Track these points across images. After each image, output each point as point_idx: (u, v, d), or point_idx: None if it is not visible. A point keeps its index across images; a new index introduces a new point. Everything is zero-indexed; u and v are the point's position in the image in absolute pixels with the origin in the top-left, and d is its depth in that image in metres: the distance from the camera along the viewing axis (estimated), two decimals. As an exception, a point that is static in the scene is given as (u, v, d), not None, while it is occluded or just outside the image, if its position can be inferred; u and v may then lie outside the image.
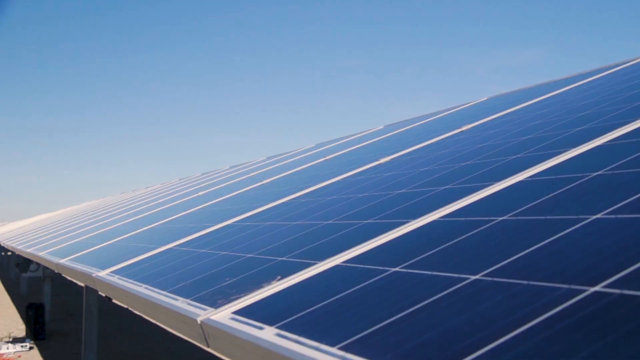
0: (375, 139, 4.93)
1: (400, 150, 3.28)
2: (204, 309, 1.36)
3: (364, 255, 1.39)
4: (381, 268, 1.24)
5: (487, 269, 1.02)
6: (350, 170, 3.16)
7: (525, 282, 0.91)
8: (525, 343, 0.73)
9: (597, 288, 0.80)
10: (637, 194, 1.13)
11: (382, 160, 3.08)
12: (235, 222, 2.69)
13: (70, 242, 4.85)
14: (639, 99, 2.18)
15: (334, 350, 0.90)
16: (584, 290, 0.81)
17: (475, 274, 1.02)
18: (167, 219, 4.01)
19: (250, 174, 5.92)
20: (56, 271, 3.88)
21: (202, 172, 12.00)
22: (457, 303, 0.93)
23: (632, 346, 0.63)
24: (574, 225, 1.09)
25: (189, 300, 1.49)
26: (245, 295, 1.36)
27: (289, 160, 6.05)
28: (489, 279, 0.97)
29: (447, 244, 1.24)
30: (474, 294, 0.93)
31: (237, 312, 1.26)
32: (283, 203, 2.78)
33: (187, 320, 1.36)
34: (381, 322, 0.96)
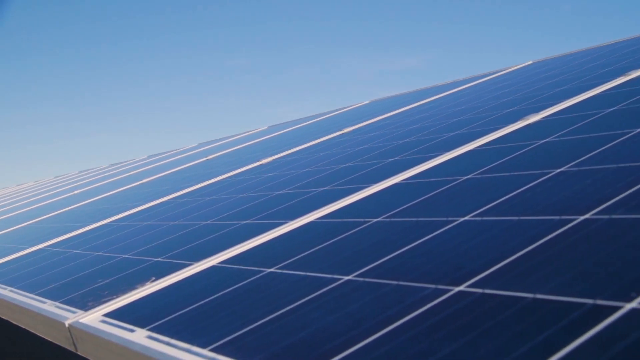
0: (258, 140, 4.93)
1: (283, 151, 3.29)
2: (73, 312, 1.31)
3: (241, 256, 1.38)
4: (257, 269, 1.24)
5: (360, 269, 1.04)
6: (232, 170, 3.15)
7: (395, 282, 0.93)
8: (391, 342, 0.74)
9: (461, 288, 0.83)
10: (502, 197, 1.18)
11: (264, 161, 3.08)
12: (112, 221, 2.62)
13: None
14: (509, 107, 2.29)
15: (205, 351, 0.89)
16: (449, 290, 0.83)
17: (348, 275, 1.03)
18: (40, 218, 3.84)
19: (130, 173, 5.77)
20: None
21: (79, 171, 11.60)
22: (329, 303, 0.94)
23: (490, 343, 0.66)
24: (443, 226, 1.12)
25: (57, 303, 1.43)
26: (117, 297, 1.33)
27: (171, 159, 5.94)
28: (361, 279, 0.99)
29: (323, 245, 1.26)
30: (346, 294, 0.95)
31: (107, 315, 1.22)
32: (162, 202, 2.73)
33: (54, 323, 1.31)
34: (254, 322, 0.95)
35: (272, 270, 1.20)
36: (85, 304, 1.35)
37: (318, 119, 5.17)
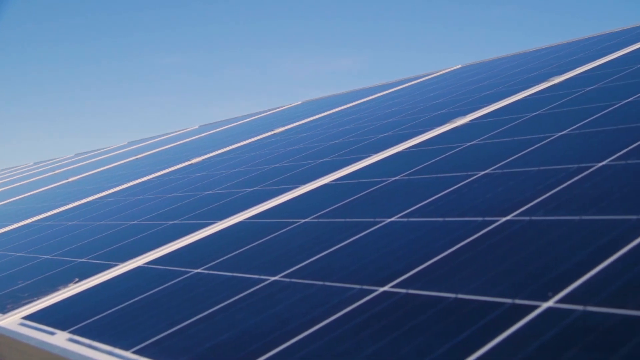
0: (189, 139, 4.88)
1: (213, 151, 3.26)
2: (-8, 314, 1.27)
3: (168, 256, 1.36)
4: (184, 269, 1.22)
5: (287, 269, 1.04)
6: (161, 169, 3.10)
7: (321, 282, 0.93)
8: (316, 342, 0.74)
9: (386, 288, 0.84)
10: (428, 198, 1.20)
11: (194, 161, 3.04)
12: (35, 221, 2.54)
13: None
14: (438, 109, 2.32)
15: (127, 354, 0.88)
16: (374, 290, 0.84)
17: (275, 275, 1.03)
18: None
19: (56, 171, 5.63)
20: None
21: (1, 169, 11.24)
22: (256, 304, 0.93)
23: (412, 342, 0.67)
24: (370, 227, 1.13)
25: (-25, 305, 1.38)
26: (38, 299, 1.29)
27: (99, 158, 5.82)
28: (288, 279, 0.99)
29: (251, 245, 1.25)
30: (273, 295, 0.95)
31: (27, 317, 1.19)
32: (88, 202, 2.67)
33: (-29, 326, 1.26)
34: (179, 323, 0.94)
35: (199, 270, 1.19)
36: (3, 307, 1.31)
37: (250, 118, 5.15)
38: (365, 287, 0.86)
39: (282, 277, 1.01)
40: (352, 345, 0.71)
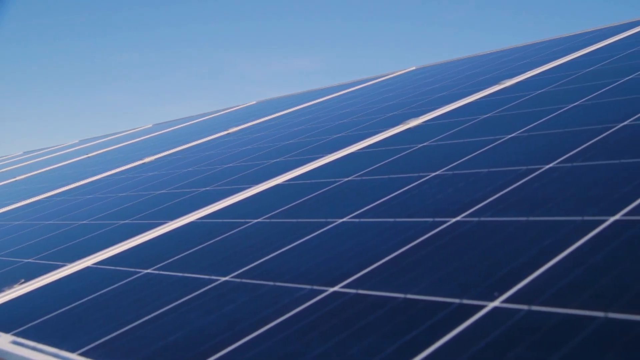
0: (142, 138, 4.82)
1: (166, 150, 3.23)
2: None
3: (118, 257, 1.34)
4: (133, 270, 1.21)
5: (238, 270, 1.03)
6: (113, 168, 3.06)
7: (272, 283, 0.93)
8: (266, 342, 0.74)
9: (336, 288, 0.84)
10: (380, 199, 1.21)
11: (147, 160, 3.01)
12: (-19, 220, 2.48)
13: None
14: (391, 111, 2.34)
15: (73, 356, 0.86)
16: (324, 291, 0.84)
17: (225, 275, 1.02)
18: None
19: (2, 170, 5.51)
20: None
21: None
22: (206, 304, 0.92)
23: (361, 342, 0.67)
24: (322, 228, 1.13)
25: None
26: (-18, 299, 1.26)
27: (49, 156, 5.72)
28: (238, 280, 0.98)
29: (202, 245, 1.24)
30: (223, 295, 0.94)
31: (-29, 319, 1.16)
32: (36, 201, 2.61)
33: None
34: (128, 325, 0.93)
35: (149, 271, 1.17)
36: (-53, 308, 1.27)
37: (204, 118, 5.12)
38: (315, 287, 0.86)
39: (232, 277, 1.01)
40: (301, 345, 0.71)
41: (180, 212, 1.59)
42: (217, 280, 1.01)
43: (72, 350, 0.88)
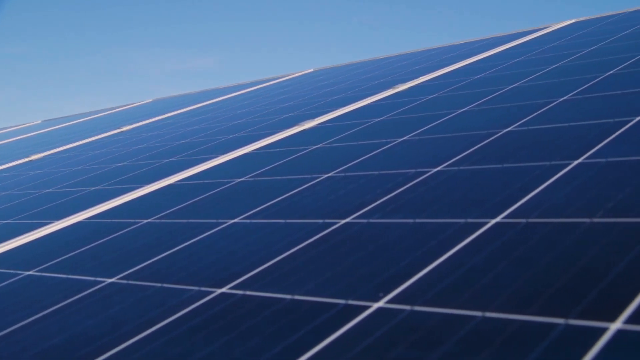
0: (30, 134, 4.63)
1: (55, 148, 3.12)
2: None
3: (-2, 258, 1.28)
4: (13, 271, 1.16)
5: (125, 271, 1.01)
6: (-3, 165, 2.92)
7: (159, 284, 0.91)
8: (150, 345, 0.73)
9: (224, 289, 0.83)
10: (272, 200, 1.21)
11: (34, 157, 2.89)
12: None
13: None
14: (287, 112, 2.35)
15: (-56, 363, 0.81)
16: (212, 292, 0.83)
17: (111, 277, 1.00)
18: None
19: None
20: None
21: None
22: (89, 307, 0.90)
23: (247, 344, 0.67)
24: (213, 228, 1.12)
25: None
26: None
27: None
28: (125, 281, 0.96)
29: (89, 246, 1.20)
30: (108, 297, 0.91)
31: None
32: None
33: None
34: (4, 329, 0.89)
35: (30, 273, 1.13)
36: None
37: (97, 115, 4.97)
38: (203, 288, 0.85)
39: (119, 278, 0.98)
40: (187, 347, 0.70)
41: (67, 212, 1.54)
42: (103, 281, 0.98)
43: (-56, 357, 0.84)
